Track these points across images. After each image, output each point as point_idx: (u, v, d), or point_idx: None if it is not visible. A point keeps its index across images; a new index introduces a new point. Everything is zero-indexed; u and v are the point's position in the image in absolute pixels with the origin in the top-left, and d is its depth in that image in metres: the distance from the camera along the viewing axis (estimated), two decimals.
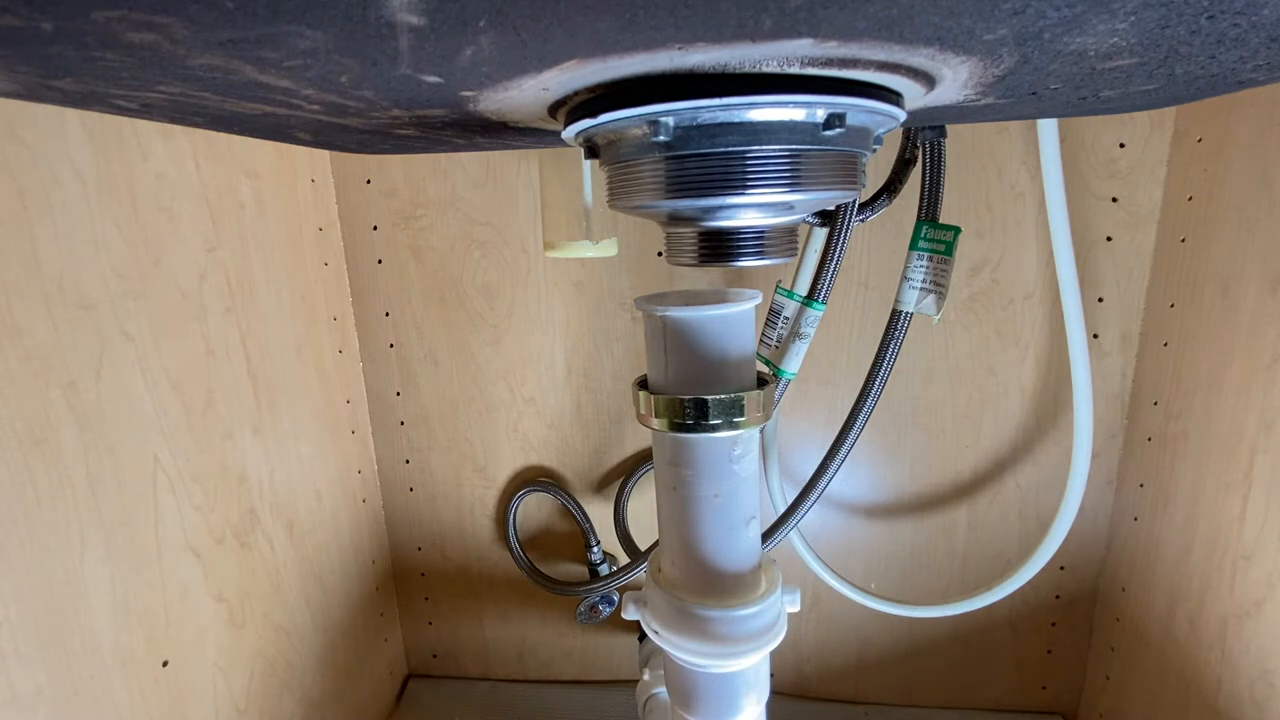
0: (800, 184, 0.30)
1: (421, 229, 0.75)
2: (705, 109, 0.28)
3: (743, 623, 0.41)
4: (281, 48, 0.21)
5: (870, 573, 0.79)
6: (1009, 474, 0.75)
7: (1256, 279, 0.55)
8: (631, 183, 0.32)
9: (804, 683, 0.85)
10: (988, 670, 0.81)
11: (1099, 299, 0.69)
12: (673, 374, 0.40)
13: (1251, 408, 0.55)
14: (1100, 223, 0.67)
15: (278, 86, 0.26)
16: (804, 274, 0.63)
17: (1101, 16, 0.21)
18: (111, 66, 0.23)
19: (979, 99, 0.33)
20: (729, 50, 0.24)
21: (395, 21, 0.19)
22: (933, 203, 0.57)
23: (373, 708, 0.83)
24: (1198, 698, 0.61)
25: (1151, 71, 0.28)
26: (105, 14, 0.18)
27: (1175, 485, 0.65)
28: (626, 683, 0.89)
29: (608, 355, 0.77)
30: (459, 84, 0.27)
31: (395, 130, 0.38)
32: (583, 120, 0.30)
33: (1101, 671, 0.76)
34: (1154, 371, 0.68)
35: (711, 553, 0.42)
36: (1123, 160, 0.65)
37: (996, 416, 0.73)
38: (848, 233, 0.56)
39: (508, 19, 0.20)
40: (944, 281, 0.57)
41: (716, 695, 0.44)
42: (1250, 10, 0.21)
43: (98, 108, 0.31)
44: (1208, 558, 0.60)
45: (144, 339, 0.50)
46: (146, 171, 0.50)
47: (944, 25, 0.21)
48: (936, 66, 0.27)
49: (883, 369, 0.60)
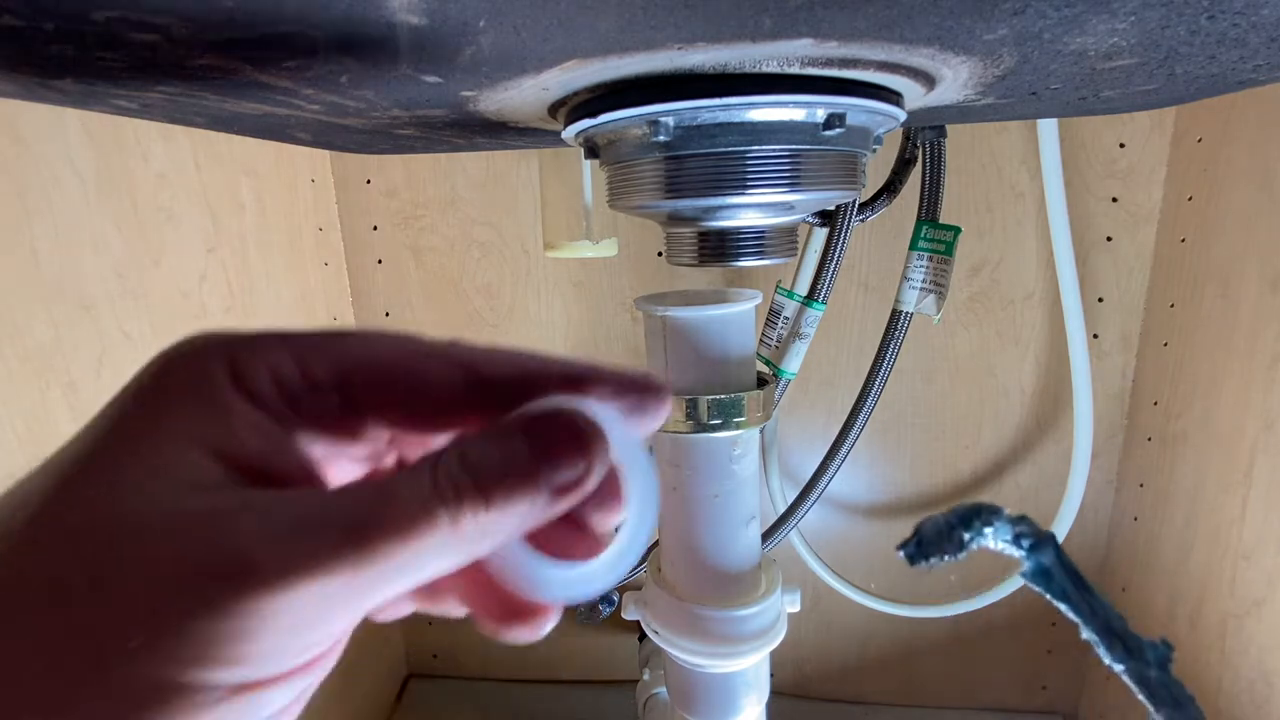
0: (800, 184, 0.30)
1: (422, 229, 0.75)
2: (705, 109, 0.28)
3: (743, 623, 0.41)
4: (281, 48, 0.21)
5: (870, 573, 0.79)
6: (1009, 474, 0.75)
7: (1256, 279, 0.55)
8: (631, 183, 0.32)
9: (804, 683, 0.85)
10: (988, 670, 0.81)
11: (1099, 299, 0.69)
12: (673, 374, 0.40)
13: (1251, 408, 0.55)
14: (1100, 223, 0.67)
15: (278, 86, 0.26)
16: (804, 274, 0.63)
17: (1101, 16, 0.21)
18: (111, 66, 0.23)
19: (979, 99, 0.33)
20: (729, 50, 0.24)
21: (395, 21, 0.19)
22: (933, 203, 0.57)
23: (373, 708, 0.83)
24: (1198, 698, 0.61)
25: (1151, 71, 0.28)
26: (105, 14, 0.18)
27: (1175, 485, 0.65)
28: (626, 683, 0.89)
29: (608, 355, 0.77)
30: (459, 84, 0.27)
31: (395, 130, 0.38)
32: (583, 120, 0.30)
33: (1101, 671, 0.76)
34: (1154, 371, 0.68)
35: (711, 553, 0.42)
36: (1123, 160, 0.65)
37: (996, 416, 0.73)
38: (848, 233, 0.56)
39: (508, 19, 0.20)
40: (944, 281, 0.57)
41: (716, 695, 0.44)
42: (1250, 10, 0.21)
43: (98, 108, 0.31)
44: (1208, 558, 0.60)
45: (144, 339, 0.50)
46: (146, 171, 0.50)
47: (944, 25, 0.21)
48: (936, 66, 0.27)
49: (883, 369, 0.60)
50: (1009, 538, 0.20)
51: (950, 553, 0.20)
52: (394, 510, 0.13)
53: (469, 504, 0.14)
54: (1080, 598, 0.20)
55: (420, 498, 0.14)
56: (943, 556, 0.20)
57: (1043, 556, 0.20)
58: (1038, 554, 0.20)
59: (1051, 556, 0.20)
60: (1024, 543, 0.20)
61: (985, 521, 0.20)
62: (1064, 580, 0.20)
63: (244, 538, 0.13)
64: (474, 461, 0.14)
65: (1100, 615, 0.20)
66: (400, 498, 0.14)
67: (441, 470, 0.14)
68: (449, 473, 0.14)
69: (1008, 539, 0.20)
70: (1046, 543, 0.20)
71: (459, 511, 0.14)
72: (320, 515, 0.13)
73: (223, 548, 0.12)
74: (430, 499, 0.14)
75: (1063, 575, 0.20)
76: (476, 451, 0.15)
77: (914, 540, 0.20)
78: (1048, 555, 0.20)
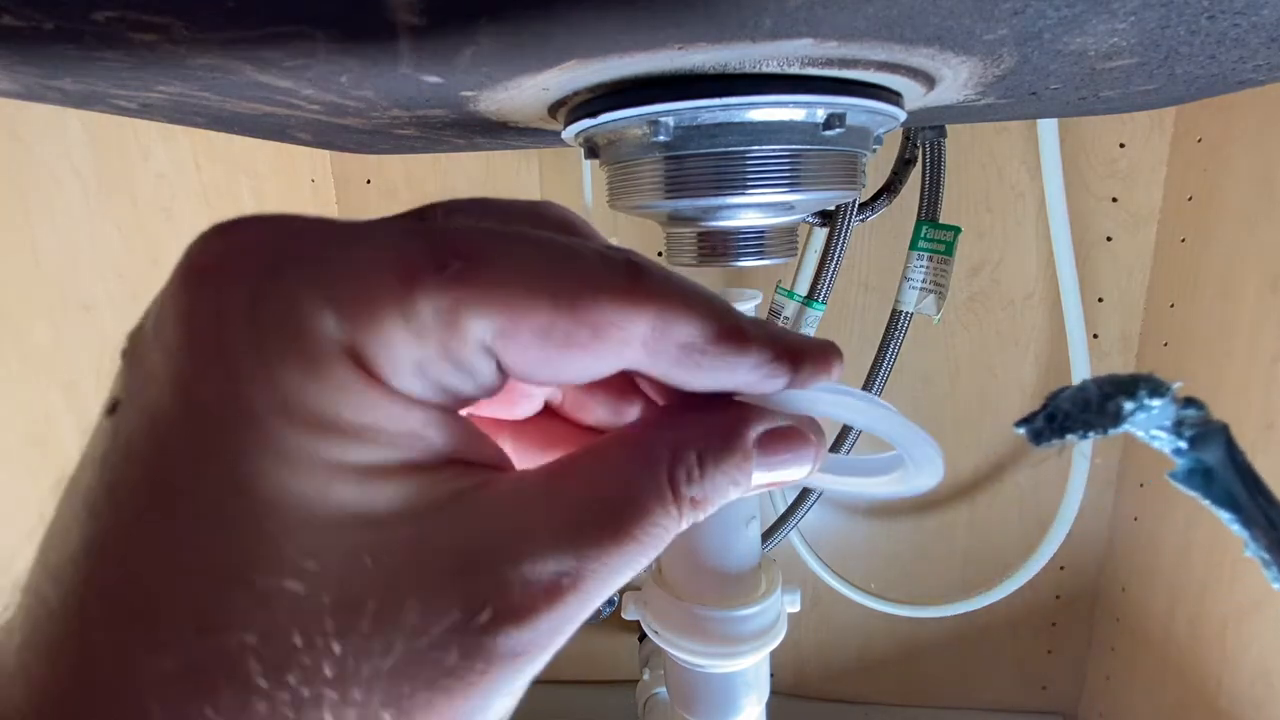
0: (800, 184, 0.30)
1: None
2: (705, 109, 0.28)
3: (743, 623, 0.42)
4: (281, 48, 0.21)
5: (870, 573, 0.79)
6: (1009, 474, 0.75)
7: (1256, 279, 0.55)
8: (631, 183, 0.32)
9: (804, 683, 0.85)
10: (988, 670, 0.81)
11: (1099, 299, 0.69)
12: None
13: (1251, 408, 0.55)
14: (1100, 223, 0.67)
15: (278, 86, 0.26)
16: (804, 274, 0.63)
17: (1101, 16, 0.21)
18: (111, 66, 0.23)
19: (979, 99, 0.33)
20: (729, 50, 0.24)
21: (395, 21, 0.19)
22: (933, 203, 0.57)
23: None
24: (1198, 698, 0.61)
25: (1151, 71, 0.28)
26: (105, 14, 0.18)
27: None
28: (626, 683, 0.89)
29: None
30: (459, 84, 0.27)
31: (395, 130, 0.38)
32: (583, 120, 0.30)
33: (1101, 671, 0.76)
34: (1154, 371, 0.68)
35: (711, 553, 0.42)
36: (1123, 160, 0.65)
37: (996, 416, 0.73)
38: (848, 233, 0.56)
39: (508, 19, 0.20)
40: (944, 281, 0.57)
41: (716, 695, 0.44)
42: (1250, 10, 0.21)
43: (98, 108, 0.31)
44: (1208, 558, 0.60)
45: None
46: (146, 171, 0.50)
47: (944, 25, 0.21)
48: (936, 66, 0.27)
49: (883, 369, 0.60)
50: (1168, 423, 0.16)
51: (1100, 427, 0.16)
52: (633, 516, 0.13)
53: (690, 516, 0.14)
54: (1253, 505, 0.16)
55: (660, 504, 0.13)
56: (1088, 432, 0.16)
57: (1206, 454, 0.16)
58: (1200, 450, 0.16)
59: (1220, 454, 0.16)
60: (1185, 433, 0.16)
61: (1153, 392, 0.16)
62: (1232, 481, 0.16)
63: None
64: (703, 478, 0.14)
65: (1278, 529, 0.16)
66: (639, 504, 0.13)
67: (679, 478, 0.14)
68: (683, 482, 0.14)
69: (1167, 425, 0.16)
70: (1214, 435, 0.16)
71: (682, 523, 0.14)
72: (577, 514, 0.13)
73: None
74: (668, 510, 0.13)
75: (1231, 476, 0.16)
76: (710, 465, 0.14)
77: (1043, 412, 0.16)
78: (1213, 452, 0.16)
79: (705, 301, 0.14)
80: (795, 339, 0.15)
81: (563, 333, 0.12)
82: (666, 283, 0.13)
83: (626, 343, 0.13)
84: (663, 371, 0.14)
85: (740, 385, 0.15)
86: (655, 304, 0.13)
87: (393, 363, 0.12)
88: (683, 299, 0.13)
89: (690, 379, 0.14)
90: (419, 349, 0.12)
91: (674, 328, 0.13)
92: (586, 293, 0.13)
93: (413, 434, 0.12)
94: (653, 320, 0.13)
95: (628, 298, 0.13)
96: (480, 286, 0.12)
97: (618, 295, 0.13)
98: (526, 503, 0.13)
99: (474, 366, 0.13)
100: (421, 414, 0.13)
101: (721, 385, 0.14)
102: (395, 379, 0.12)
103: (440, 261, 0.12)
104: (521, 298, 0.12)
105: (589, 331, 0.13)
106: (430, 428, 0.13)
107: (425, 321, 0.12)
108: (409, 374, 0.12)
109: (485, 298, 0.12)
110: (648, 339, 0.13)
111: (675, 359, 0.14)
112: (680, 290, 0.14)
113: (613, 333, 0.13)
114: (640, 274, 0.13)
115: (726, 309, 0.14)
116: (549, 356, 0.13)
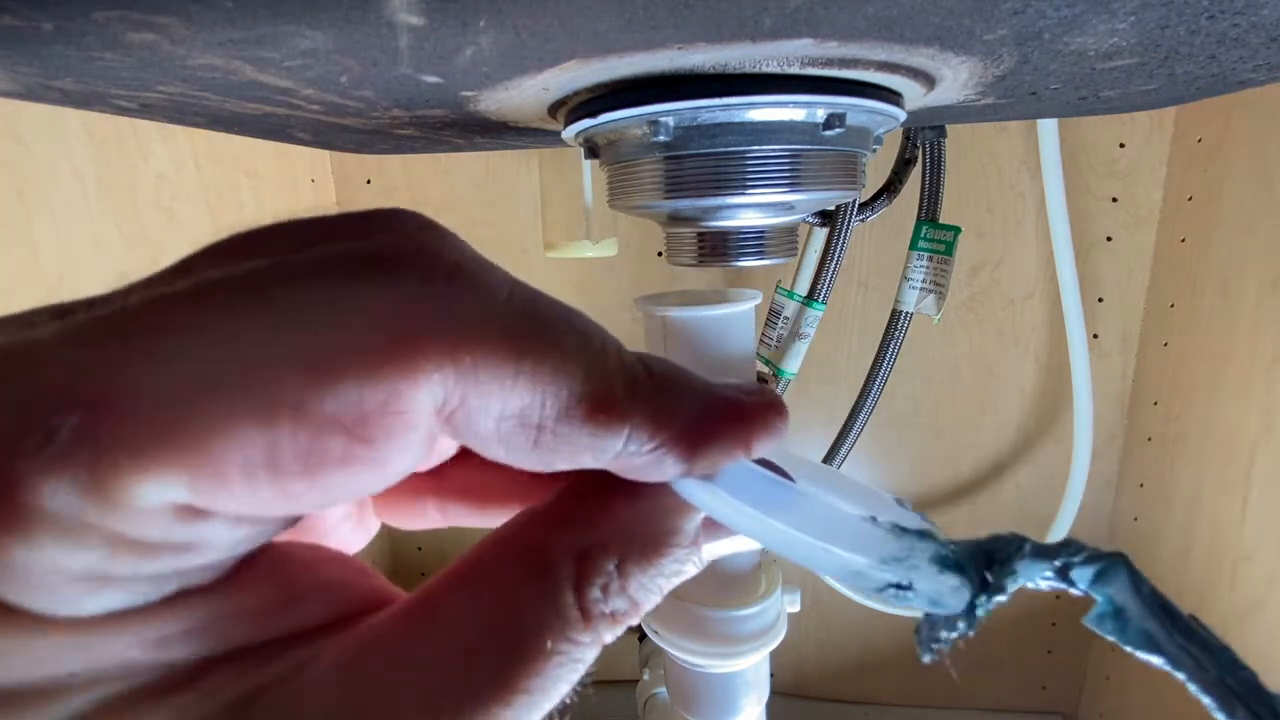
0: (800, 184, 0.30)
1: None
2: (705, 109, 0.28)
3: (742, 623, 0.41)
4: (281, 48, 0.21)
5: None
6: (1009, 474, 0.75)
7: (1256, 279, 0.55)
8: (631, 183, 0.32)
9: (804, 683, 0.85)
10: (988, 670, 0.81)
11: (1099, 299, 0.69)
12: None
13: (1251, 408, 0.55)
14: (1100, 223, 0.67)
15: (278, 86, 0.26)
16: (804, 274, 0.63)
17: (1101, 16, 0.21)
18: (111, 66, 0.23)
19: (979, 99, 0.33)
20: (729, 50, 0.24)
21: (395, 21, 0.19)
22: (933, 203, 0.57)
23: None
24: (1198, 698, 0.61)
25: (1151, 71, 0.28)
26: (105, 14, 0.18)
27: (1175, 485, 0.65)
28: (626, 683, 0.89)
29: None
30: (459, 84, 0.27)
31: (395, 130, 0.38)
32: (583, 120, 0.30)
33: (1101, 671, 0.76)
34: (1154, 371, 0.68)
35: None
36: (1123, 160, 0.65)
37: (996, 416, 0.73)
38: (848, 233, 0.56)
39: (508, 19, 0.20)
40: (944, 281, 0.57)
41: (716, 695, 0.44)
42: (1250, 10, 0.21)
43: (98, 108, 0.31)
44: (1208, 558, 0.60)
45: None
46: (146, 171, 0.50)
47: (944, 25, 0.21)
48: (936, 66, 0.27)
49: (883, 369, 0.60)
50: (1050, 574, 0.14)
51: (963, 623, 0.14)
52: (523, 661, 0.10)
53: (613, 631, 0.11)
54: (1173, 645, 0.14)
55: (563, 634, 0.11)
56: (969, 625, 0.15)
57: (1112, 591, 0.14)
58: (1103, 587, 0.14)
59: (1125, 590, 0.14)
60: (1078, 575, 0.14)
61: (1010, 555, 0.14)
62: (1144, 619, 0.14)
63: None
64: (627, 588, 0.11)
65: (1208, 664, 0.14)
66: (530, 643, 0.10)
67: (590, 597, 0.11)
68: (597, 602, 0.11)
69: (1048, 575, 0.14)
70: (1114, 570, 0.14)
71: (603, 642, 0.11)
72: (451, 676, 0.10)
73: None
74: (577, 639, 0.11)
75: (1143, 613, 0.14)
76: (637, 570, 0.12)
77: (925, 624, 0.15)
78: (1119, 589, 0.14)
79: (575, 351, 0.11)
80: (698, 400, 0.12)
81: (301, 451, 0.09)
82: (503, 332, 0.10)
83: (411, 430, 0.09)
84: (499, 456, 0.11)
85: (618, 470, 0.11)
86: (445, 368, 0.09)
87: (39, 588, 0.08)
88: (511, 351, 0.10)
89: (540, 461, 0.11)
90: (75, 554, 0.08)
91: (487, 399, 0.10)
92: (317, 379, 0.08)
93: (124, 665, 0.09)
94: (444, 392, 0.09)
95: (388, 362, 0.09)
96: (133, 430, 0.08)
97: (368, 365, 0.09)
98: (357, 683, 0.10)
99: (186, 535, 0.09)
100: (120, 634, 0.09)
101: (585, 465, 0.11)
102: (56, 606, 0.08)
103: (44, 427, 0.08)
104: (209, 419, 0.08)
105: (341, 440, 0.09)
106: (143, 643, 0.09)
107: (63, 516, 0.08)
108: (78, 593, 0.08)
109: (148, 443, 0.08)
110: (451, 417, 0.10)
111: (503, 439, 0.10)
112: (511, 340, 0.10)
113: (387, 424, 0.09)
114: (431, 323, 0.09)
115: (599, 357, 0.11)
116: (291, 488, 0.09)
